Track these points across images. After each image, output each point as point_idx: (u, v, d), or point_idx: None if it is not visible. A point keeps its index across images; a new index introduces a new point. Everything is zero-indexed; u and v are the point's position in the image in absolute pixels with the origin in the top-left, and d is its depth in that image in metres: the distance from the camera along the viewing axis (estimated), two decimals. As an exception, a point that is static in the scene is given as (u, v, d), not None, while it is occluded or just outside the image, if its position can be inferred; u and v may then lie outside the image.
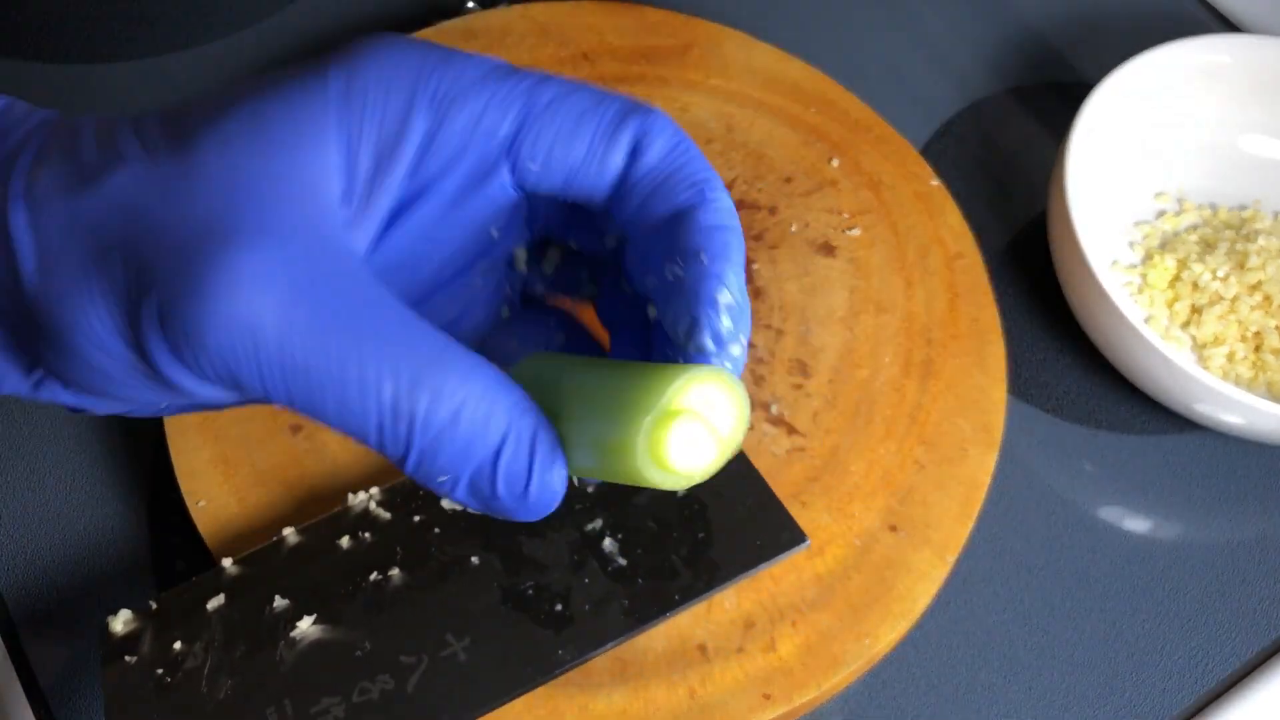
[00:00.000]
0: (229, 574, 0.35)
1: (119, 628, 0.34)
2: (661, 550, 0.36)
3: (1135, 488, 0.47)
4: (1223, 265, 0.48)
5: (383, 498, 0.37)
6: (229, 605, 0.34)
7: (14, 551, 0.43)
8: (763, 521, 0.37)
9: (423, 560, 0.35)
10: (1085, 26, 0.61)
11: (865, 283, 0.46)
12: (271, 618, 0.34)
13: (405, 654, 0.33)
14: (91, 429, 0.46)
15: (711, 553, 0.36)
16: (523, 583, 0.35)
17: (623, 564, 0.36)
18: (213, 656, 0.33)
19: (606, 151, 0.25)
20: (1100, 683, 0.42)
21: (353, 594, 0.35)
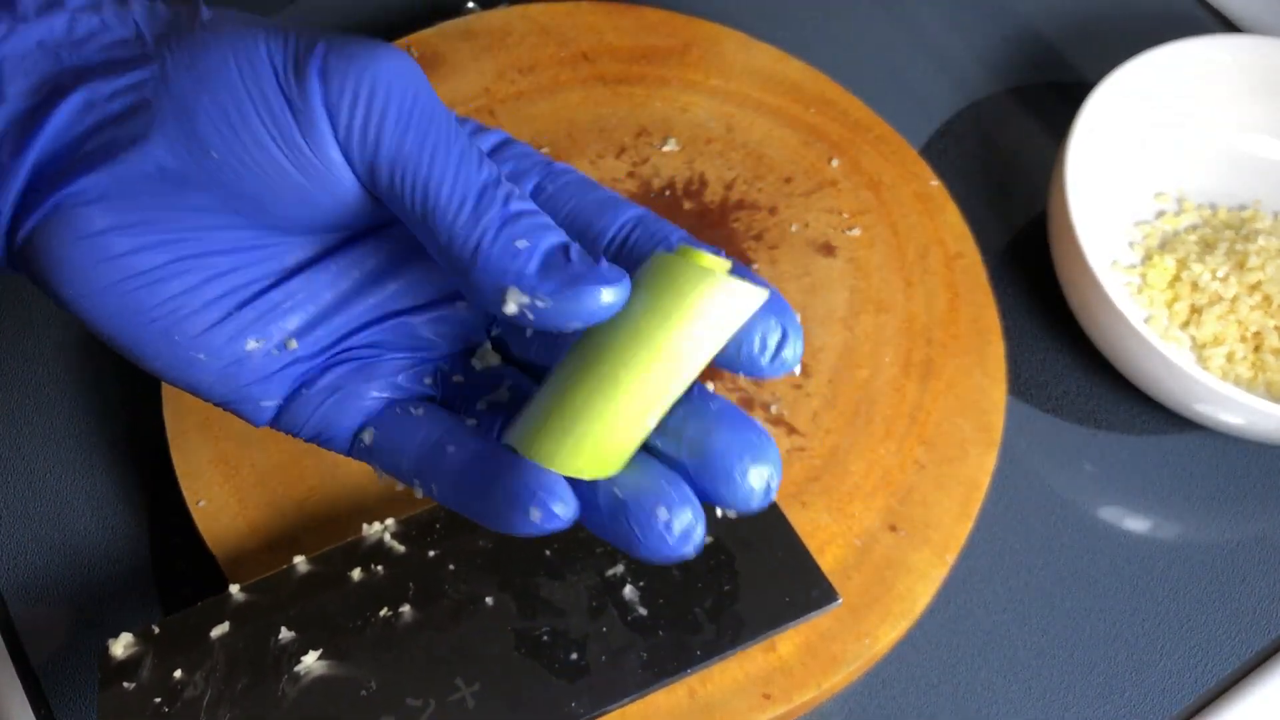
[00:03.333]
0: (235, 601, 0.34)
1: (119, 651, 0.33)
2: (685, 601, 0.35)
3: (1135, 487, 0.47)
4: (1222, 265, 0.48)
5: (398, 529, 0.35)
6: (233, 634, 0.33)
7: (14, 552, 0.43)
8: (792, 576, 0.35)
9: (435, 598, 0.34)
10: (1085, 26, 0.61)
11: (865, 283, 0.46)
12: (276, 650, 0.33)
13: (412, 697, 0.32)
14: (93, 429, 0.46)
15: (737, 607, 0.35)
16: (538, 627, 0.34)
17: (643, 613, 0.34)
18: (213, 687, 0.32)
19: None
20: (1100, 682, 0.42)
21: (361, 629, 0.33)
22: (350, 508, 0.40)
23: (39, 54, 0.26)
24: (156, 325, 0.26)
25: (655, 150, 0.49)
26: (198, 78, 0.25)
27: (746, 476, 0.25)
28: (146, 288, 0.26)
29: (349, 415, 0.28)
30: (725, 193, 0.48)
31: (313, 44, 0.25)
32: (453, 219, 0.24)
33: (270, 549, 0.39)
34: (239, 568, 0.38)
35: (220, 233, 0.26)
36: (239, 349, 0.27)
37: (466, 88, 0.51)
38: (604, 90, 0.51)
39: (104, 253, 0.26)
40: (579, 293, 0.24)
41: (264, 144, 0.25)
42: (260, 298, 0.27)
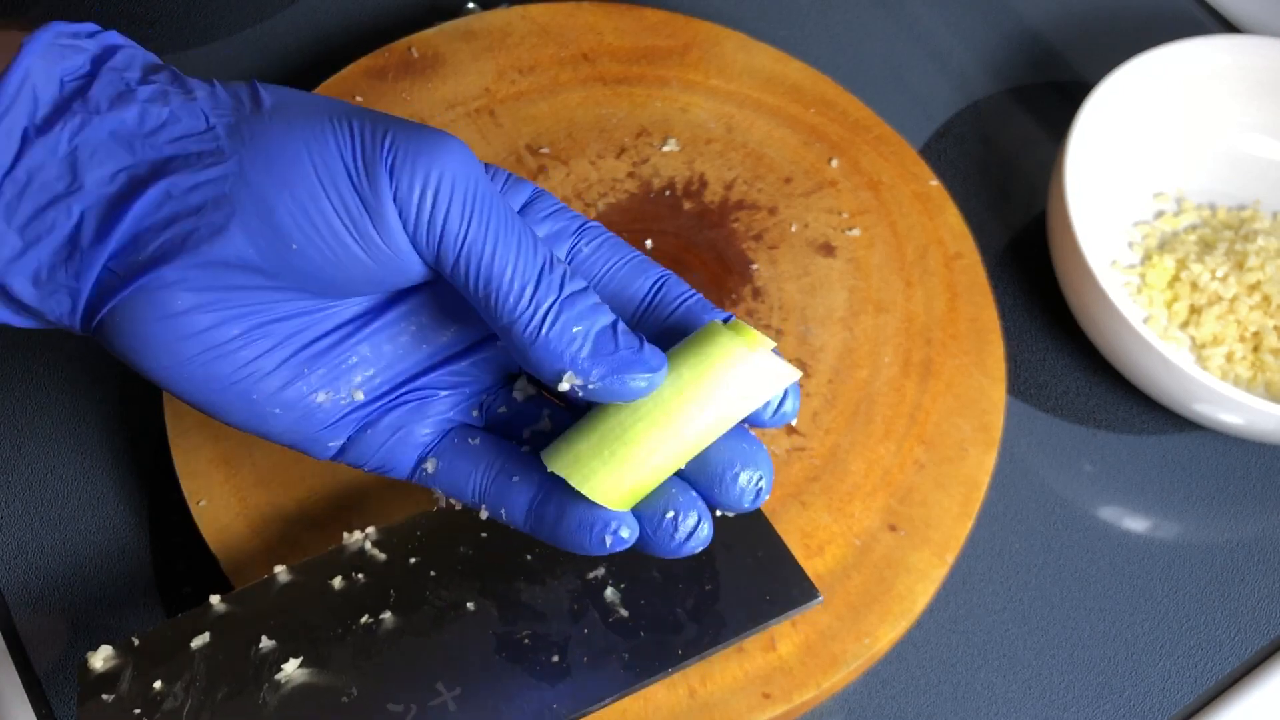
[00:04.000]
0: (215, 611, 0.34)
1: (98, 664, 0.33)
2: (666, 602, 0.35)
3: (1134, 487, 0.47)
4: (1222, 265, 0.48)
5: (379, 538, 0.35)
6: (214, 644, 0.33)
7: (15, 552, 0.43)
8: (773, 574, 0.35)
9: (416, 604, 0.34)
10: (1085, 26, 0.61)
11: (865, 283, 0.46)
12: (257, 659, 0.33)
13: (393, 702, 0.32)
14: (93, 429, 0.46)
15: (718, 606, 0.35)
16: (519, 631, 0.34)
17: (624, 615, 0.34)
18: (193, 698, 0.32)
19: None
20: (1100, 682, 0.42)
21: (342, 637, 0.33)
22: (350, 508, 0.40)
23: (112, 144, 0.28)
24: (235, 389, 0.29)
25: (655, 150, 0.49)
26: (274, 174, 0.27)
27: (738, 480, 0.29)
28: (225, 357, 0.29)
29: (409, 450, 0.32)
30: (725, 193, 0.48)
31: (379, 136, 0.28)
32: (514, 304, 0.28)
33: (270, 549, 0.39)
34: (239, 568, 0.38)
35: (287, 303, 0.29)
36: (311, 403, 0.30)
37: (466, 88, 0.51)
38: (604, 90, 0.51)
39: (186, 330, 0.28)
40: (624, 379, 0.28)
41: (340, 237, 0.28)
42: (327, 354, 0.30)
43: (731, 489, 0.29)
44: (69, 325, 0.29)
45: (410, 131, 0.28)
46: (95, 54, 0.29)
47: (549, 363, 0.28)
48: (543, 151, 0.49)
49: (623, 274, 0.31)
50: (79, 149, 0.28)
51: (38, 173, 0.27)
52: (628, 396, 0.28)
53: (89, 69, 0.28)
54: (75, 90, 0.28)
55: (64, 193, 0.28)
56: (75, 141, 0.28)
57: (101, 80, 0.28)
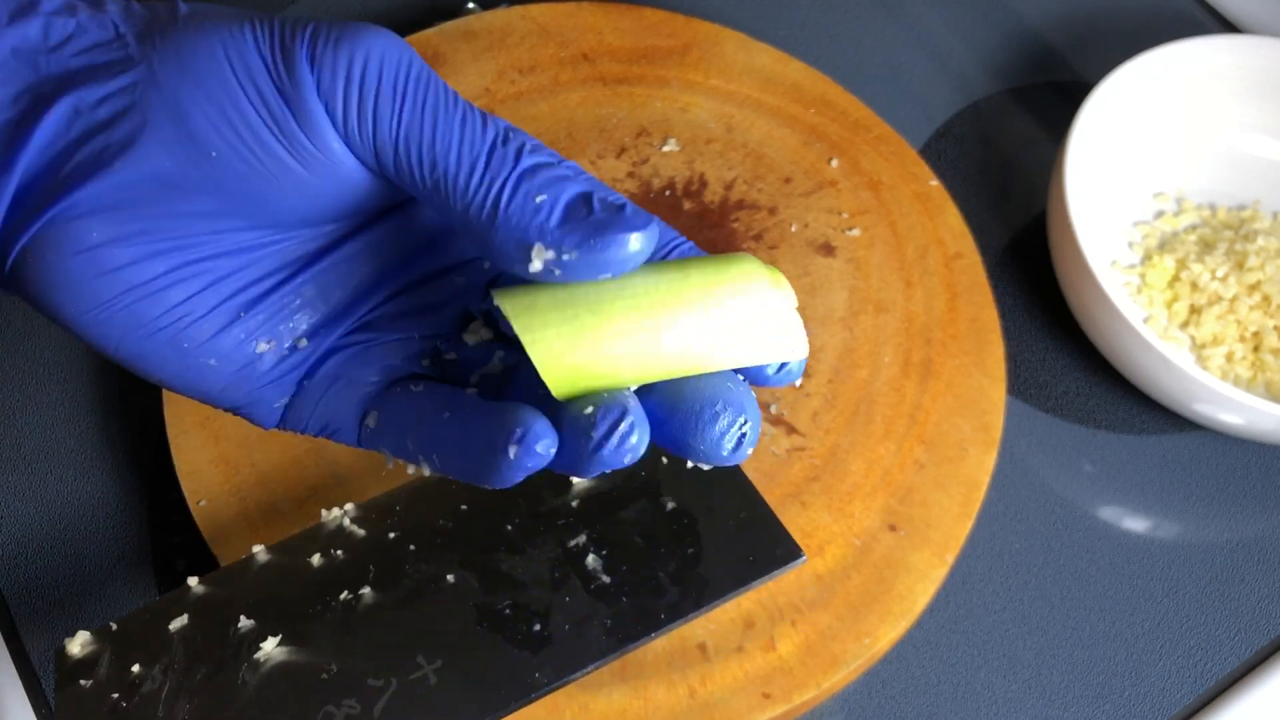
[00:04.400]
0: (194, 593, 0.34)
1: (75, 650, 0.32)
2: (648, 566, 0.34)
3: (1134, 487, 0.47)
4: (1222, 265, 0.48)
5: (357, 514, 0.35)
6: (192, 626, 0.33)
7: (14, 551, 0.43)
8: (756, 535, 0.35)
9: (396, 579, 0.34)
10: (1085, 26, 0.61)
11: (865, 283, 0.46)
12: (235, 639, 0.32)
13: (373, 677, 0.32)
14: (93, 429, 0.46)
15: (701, 569, 0.35)
16: (500, 602, 0.34)
17: (606, 581, 0.34)
18: (172, 679, 0.32)
19: None
20: (1100, 682, 0.42)
21: (321, 614, 0.33)
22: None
23: (15, 62, 0.25)
24: (163, 335, 0.26)
25: (655, 150, 0.49)
26: (187, 75, 0.25)
27: (717, 421, 0.24)
28: (150, 298, 0.26)
29: (352, 403, 0.28)
30: (725, 193, 0.48)
31: (298, 29, 0.25)
32: (465, 183, 0.24)
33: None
34: (239, 567, 0.38)
35: (222, 235, 0.26)
36: (250, 351, 0.27)
37: (466, 88, 0.51)
38: (604, 90, 0.51)
39: (103, 266, 0.25)
40: (606, 242, 0.23)
41: (262, 139, 0.25)
42: (268, 297, 0.27)
43: (709, 430, 0.24)
44: None
45: (332, 22, 0.25)
46: None
47: (513, 239, 0.24)
48: (543, 151, 0.49)
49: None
50: None
51: None
52: (613, 266, 0.24)
53: None
54: None
55: None
56: None
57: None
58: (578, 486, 0.35)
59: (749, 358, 0.25)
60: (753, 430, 0.25)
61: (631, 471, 0.36)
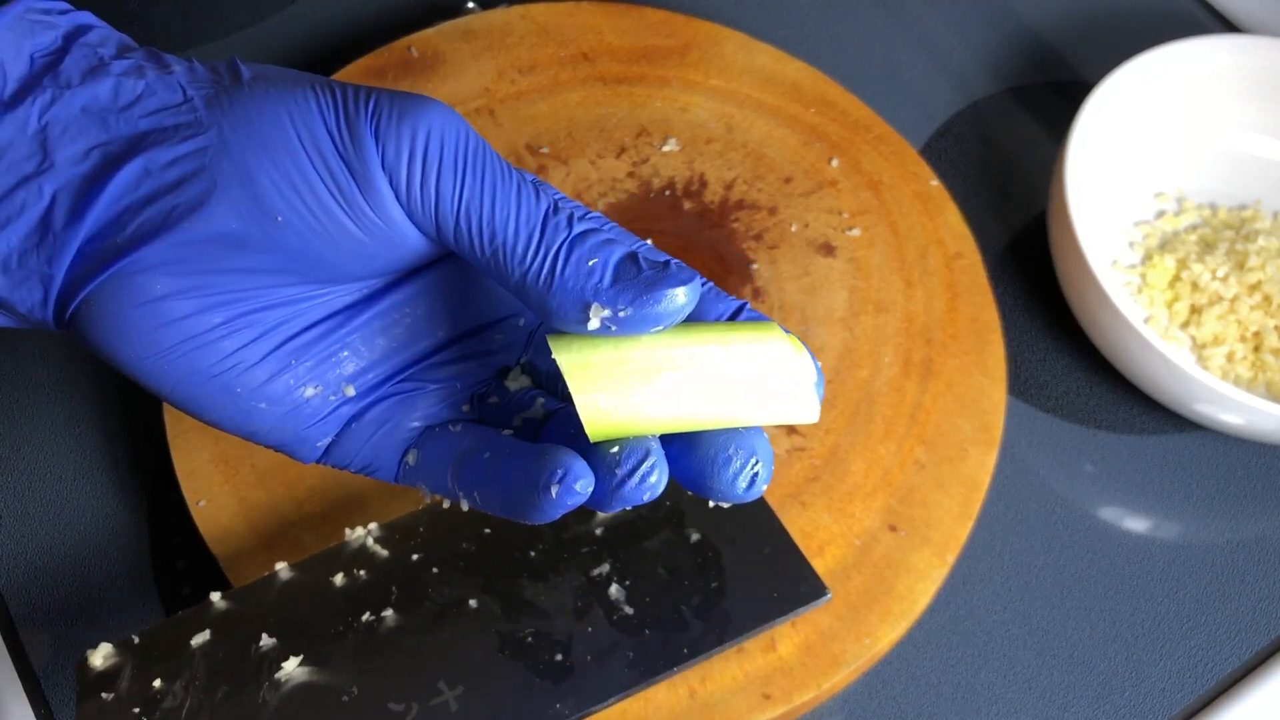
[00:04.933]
0: (216, 609, 0.34)
1: (98, 662, 0.32)
2: (671, 599, 0.34)
3: (1134, 487, 0.47)
4: (1222, 265, 0.48)
5: (380, 534, 0.35)
6: (214, 642, 0.33)
7: (14, 551, 0.43)
8: (780, 571, 0.35)
9: (418, 601, 0.34)
10: (1085, 26, 0.61)
11: (865, 283, 0.46)
12: (257, 657, 0.32)
13: (394, 701, 0.32)
14: (93, 430, 0.46)
15: (725, 604, 0.34)
16: (522, 629, 0.33)
17: (629, 613, 0.34)
18: (193, 697, 0.32)
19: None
20: (1100, 682, 0.42)
21: (343, 634, 0.33)
22: (350, 508, 0.40)
23: (84, 120, 0.26)
24: (217, 382, 0.28)
25: (655, 150, 0.49)
26: (256, 142, 0.26)
27: (731, 464, 0.26)
28: (207, 347, 0.27)
29: (394, 446, 0.30)
30: (725, 193, 0.48)
31: (362, 99, 0.26)
32: (523, 252, 0.26)
33: (270, 548, 0.39)
34: (238, 567, 0.38)
35: (276, 289, 0.28)
36: (298, 397, 0.29)
37: (466, 88, 0.51)
38: (604, 90, 0.51)
39: (164, 317, 0.27)
40: (657, 298, 0.25)
41: (327, 206, 0.26)
42: (316, 345, 0.29)
43: (724, 472, 0.26)
44: (40, 319, 0.28)
45: (393, 95, 0.26)
46: (67, 30, 0.28)
47: (571, 301, 0.26)
48: (543, 151, 0.49)
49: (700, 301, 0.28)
50: (49, 126, 0.26)
51: (6, 151, 0.26)
52: (664, 319, 0.26)
53: (60, 44, 0.27)
54: (46, 66, 0.27)
55: (34, 172, 0.26)
56: (45, 118, 0.26)
57: (73, 55, 0.27)
58: (601, 514, 0.35)
59: (767, 419, 0.27)
60: (765, 470, 0.26)
61: (657, 501, 0.36)
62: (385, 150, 0.26)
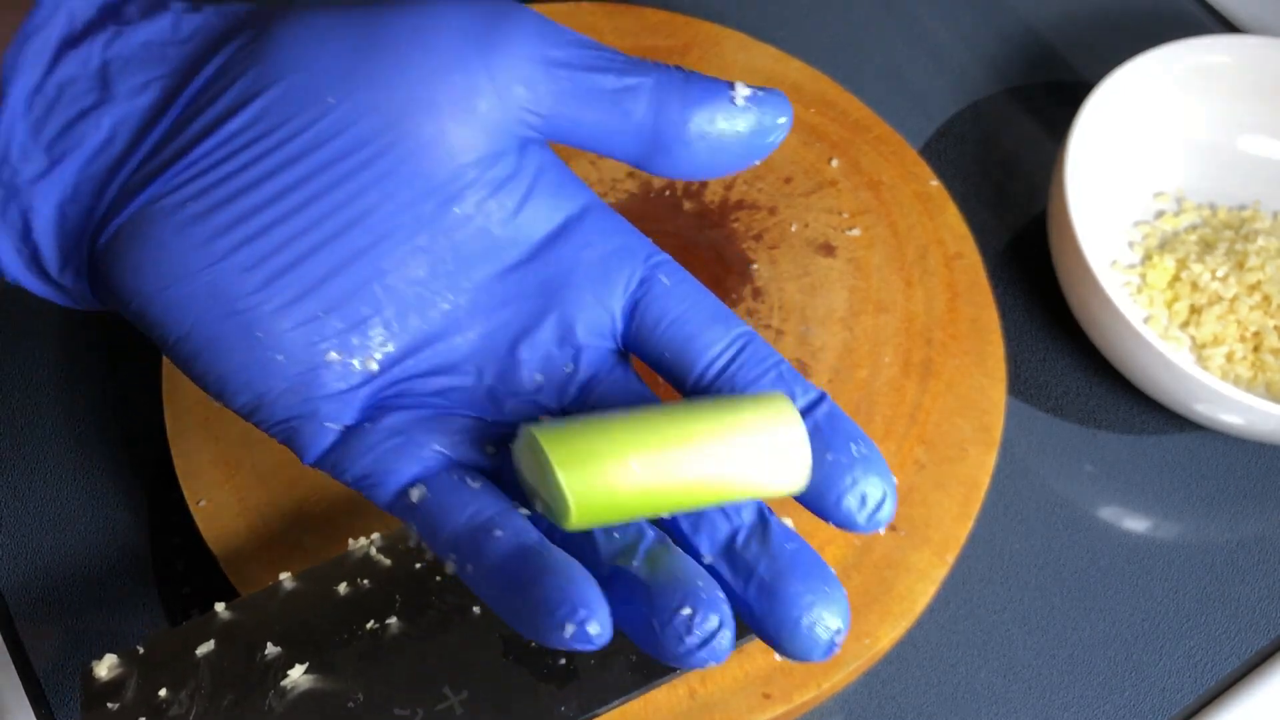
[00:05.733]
0: (221, 619, 0.34)
1: (102, 673, 0.32)
2: None
3: (1134, 487, 0.47)
4: (1222, 265, 0.48)
5: (383, 544, 0.35)
6: (219, 652, 0.33)
7: (14, 551, 0.43)
8: None
9: (422, 609, 0.34)
10: (1085, 26, 0.61)
11: (865, 283, 0.46)
12: (262, 665, 0.33)
13: (399, 707, 0.32)
14: (93, 430, 0.46)
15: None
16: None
17: None
18: (199, 705, 0.32)
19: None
20: (1100, 682, 0.42)
21: (348, 642, 0.33)
22: (350, 508, 0.40)
23: (144, 54, 0.26)
24: (238, 319, 0.26)
25: (655, 150, 0.49)
26: (298, 44, 0.26)
27: (814, 629, 0.24)
28: (235, 276, 0.26)
29: (405, 464, 0.27)
30: (725, 193, 0.48)
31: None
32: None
33: (270, 549, 0.39)
34: (239, 568, 0.38)
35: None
36: (318, 356, 0.26)
37: (466, 88, 0.51)
38: (604, 90, 0.51)
39: (203, 235, 0.25)
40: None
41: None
42: (348, 305, 0.26)
43: (806, 638, 0.24)
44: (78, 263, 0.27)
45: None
46: None
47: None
48: (543, 151, 0.49)
49: (697, 321, 0.27)
50: (110, 62, 0.26)
51: (68, 87, 0.26)
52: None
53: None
54: (110, 7, 0.27)
55: (93, 105, 0.26)
56: (107, 54, 0.26)
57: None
58: None
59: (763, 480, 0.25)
60: (843, 634, 0.25)
61: None
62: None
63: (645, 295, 0.27)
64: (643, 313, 0.27)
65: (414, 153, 0.26)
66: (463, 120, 0.26)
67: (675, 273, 0.28)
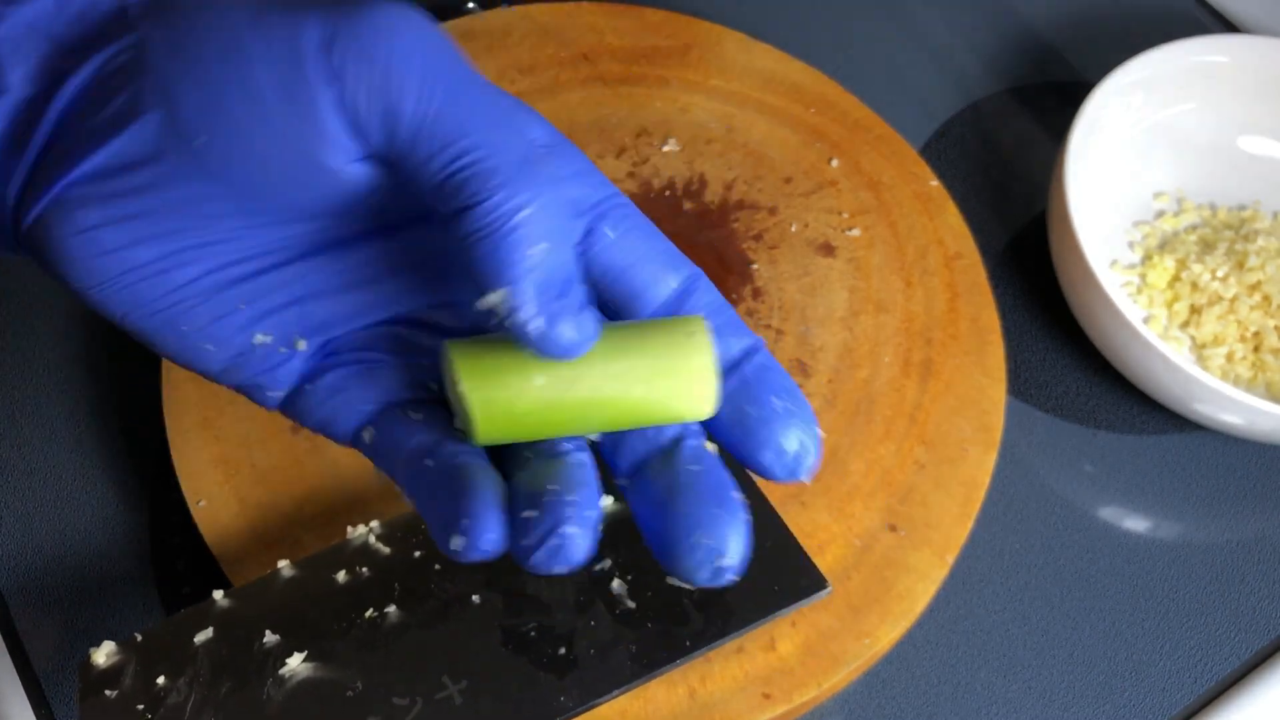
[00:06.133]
0: (219, 606, 0.34)
1: (100, 660, 0.32)
2: (673, 593, 0.34)
3: (1134, 487, 0.47)
4: (1222, 265, 0.49)
5: (383, 531, 0.35)
6: (217, 639, 0.33)
7: (14, 551, 0.43)
8: (781, 565, 0.35)
9: (421, 598, 0.34)
10: (1085, 26, 0.61)
11: (865, 283, 0.46)
12: (261, 654, 0.33)
13: (398, 696, 0.32)
14: (93, 429, 0.46)
15: (726, 597, 0.34)
16: (525, 624, 0.34)
17: (631, 607, 0.34)
18: (197, 693, 0.32)
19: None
20: (1099, 682, 0.42)
21: (346, 630, 0.33)
22: (350, 507, 0.40)
23: (31, 36, 0.26)
24: (161, 316, 0.26)
25: (655, 150, 0.49)
26: (175, 49, 0.25)
27: (697, 551, 0.25)
28: (147, 280, 0.26)
29: (349, 417, 0.28)
30: (725, 193, 0.48)
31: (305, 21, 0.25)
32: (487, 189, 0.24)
33: (270, 548, 0.39)
34: (239, 567, 0.38)
35: (220, 222, 0.26)
36: (247, 341, 0.27)
37: (466, 88, 0.51)
38: (604, 90, 0.51)
39: (101, 247, 0.25)
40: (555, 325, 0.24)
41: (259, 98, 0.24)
42: (266, 292, 0.27)
43: (680, 554, 0.25)
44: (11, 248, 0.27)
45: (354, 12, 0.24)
46: None
47: (490, 271, 0.23)
48: (543, 151, 0.49)
49: (643, 274, 0.27)
50: (1, 46, 0.25)
51: None
52: (546, 347, 0.24)
53: None
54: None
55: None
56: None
57: None
58: (605, 511, 0.36)
59: (657, 410, 0.26)
60: (735, 560, 0.25)
61: None
62: (343, 74, 0.24)
63: (589, 250, 0.27)
64: (589, 267, 0.27)
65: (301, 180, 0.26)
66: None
67: (621, 222, 0.27)
